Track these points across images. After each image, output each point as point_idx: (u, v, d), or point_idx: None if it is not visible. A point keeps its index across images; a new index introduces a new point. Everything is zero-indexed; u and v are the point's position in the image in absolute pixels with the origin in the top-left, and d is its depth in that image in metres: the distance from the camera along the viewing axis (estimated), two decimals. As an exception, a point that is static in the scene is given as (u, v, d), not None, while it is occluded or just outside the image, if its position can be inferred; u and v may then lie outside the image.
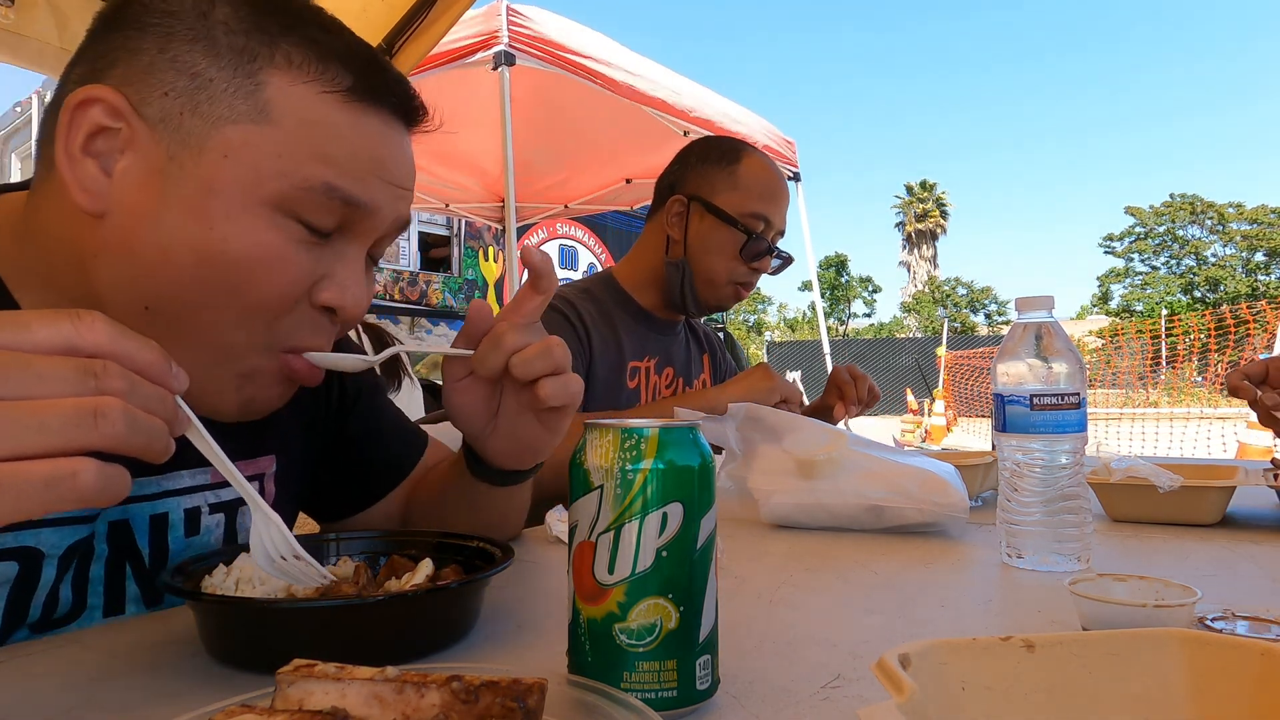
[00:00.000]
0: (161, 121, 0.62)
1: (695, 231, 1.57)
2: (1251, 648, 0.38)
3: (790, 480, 1.07)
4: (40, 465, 0.42)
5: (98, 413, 0.43)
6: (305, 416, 0.89)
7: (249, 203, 0.63)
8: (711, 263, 1.56)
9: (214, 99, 0.62)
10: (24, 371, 0.43)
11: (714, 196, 1.56)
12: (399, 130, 0.71)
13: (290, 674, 0.41)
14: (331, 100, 0.65)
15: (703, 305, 1.62)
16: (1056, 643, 0.40)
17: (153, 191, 0.62)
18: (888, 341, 33.06)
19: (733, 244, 1.55)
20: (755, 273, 1.58)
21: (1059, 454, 0.83)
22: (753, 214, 1.55)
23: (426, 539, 0.73)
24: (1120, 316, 40.24)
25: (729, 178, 1.57)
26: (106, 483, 0.44)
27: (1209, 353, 14.16)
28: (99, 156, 0.62)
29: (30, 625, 0.69)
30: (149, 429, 0.46)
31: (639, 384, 1.60)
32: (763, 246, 1.56)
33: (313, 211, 0.65)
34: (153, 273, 0.63)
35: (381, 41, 2.59)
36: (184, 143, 0.62)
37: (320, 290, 0.68)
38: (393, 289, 10.40)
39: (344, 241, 0.69)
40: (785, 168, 4.93)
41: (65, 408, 0.43)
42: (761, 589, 0.77)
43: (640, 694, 0.47)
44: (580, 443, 0.51)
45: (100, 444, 0.44)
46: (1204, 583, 0.69)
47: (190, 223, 0.62)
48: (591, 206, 5.46)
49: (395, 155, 0.70)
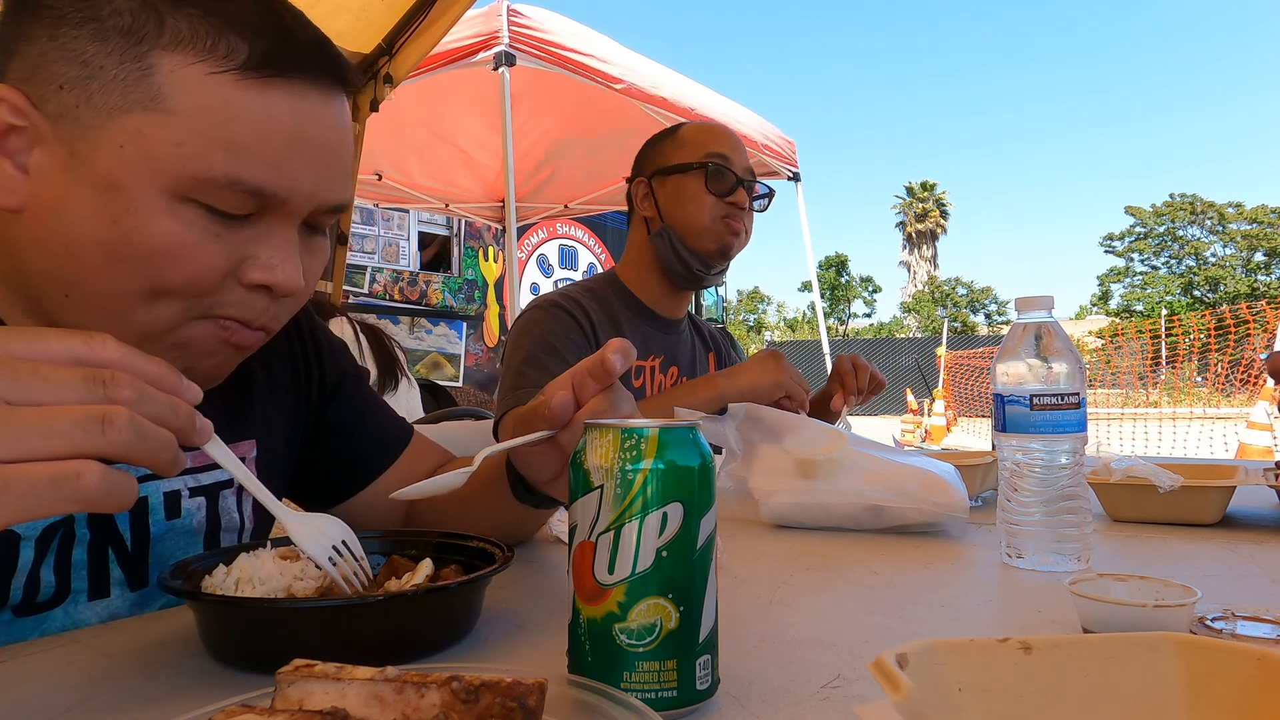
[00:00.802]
0: (60, 117, 0.61)
1: (664, 197, 1.60)
2: (1247, 653, 0.38)
3: (790, 480, 1.07)
4: (45, 466, 0.42)
5: (105, 419, 0.44)
6: (286, 403, 0.89)
7: (149, 195, 0.61)
8: (687, 211, 1.57)
9: (106, 88, 0.60)
10: (33, 377, 0.44)
11: (667, 161, 1.61)
12: (320, 99, 0.66)
13: (290, 674, 0.41)
14: (226, 81, 0.61)
15: (703, 259, 1.60)
16: (1054, 645, 0.41)
17: (59, 187, 0.62)
18: (888, 341, 33.06)
19: (698, 185, 1.57)
20: (734, 206, 1.58)
21: (1059, 454, 0.83)
22: (707, 153, 1.57)
23: (426, 539, 0.73)
24: (1120, 316, 40.25)
25: (673, 142, 1.63)
26: (111, 486, 0.44)
27: (1209, 353, 14.15)
28: (12, 155, 0.62)
29: (14, 608, 0.69)
30: (157, 438, 0.46)
31: (644, 383, 1.61)
32: (728, 176, 1.57)
33: (220, 201, 0.62)
34: (65, 264, 0.63)
35: (381, 41, 2.59)
36: (82, 136, 0.61)
37: (247, 271, 0.65)
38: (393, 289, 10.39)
39: (267, 222, 0.66)
40: (785, 167, 4.94)
41: (73, 413, 0.43)
42: (761, 589, 0.77)
43: (640, 694, 0.47)
44: (580, 443, 0.51)
45: (107, 450, 0.44)
46: (1204, 583, 0.69)
47: (93, 219, 0.61)
48: (591, 206, 5.46)
49: (314, 130, 0.65)
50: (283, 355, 0.90)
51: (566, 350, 1.47)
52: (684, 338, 1.72)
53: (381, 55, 2.62)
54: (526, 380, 1.43)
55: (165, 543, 0.77)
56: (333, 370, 0.95)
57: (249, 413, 0.84)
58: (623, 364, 0.61)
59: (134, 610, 0.75)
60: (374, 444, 0.96)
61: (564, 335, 1.49)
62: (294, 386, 0.90)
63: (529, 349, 1.48)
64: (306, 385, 0.92)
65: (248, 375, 0.86)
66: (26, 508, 0.42)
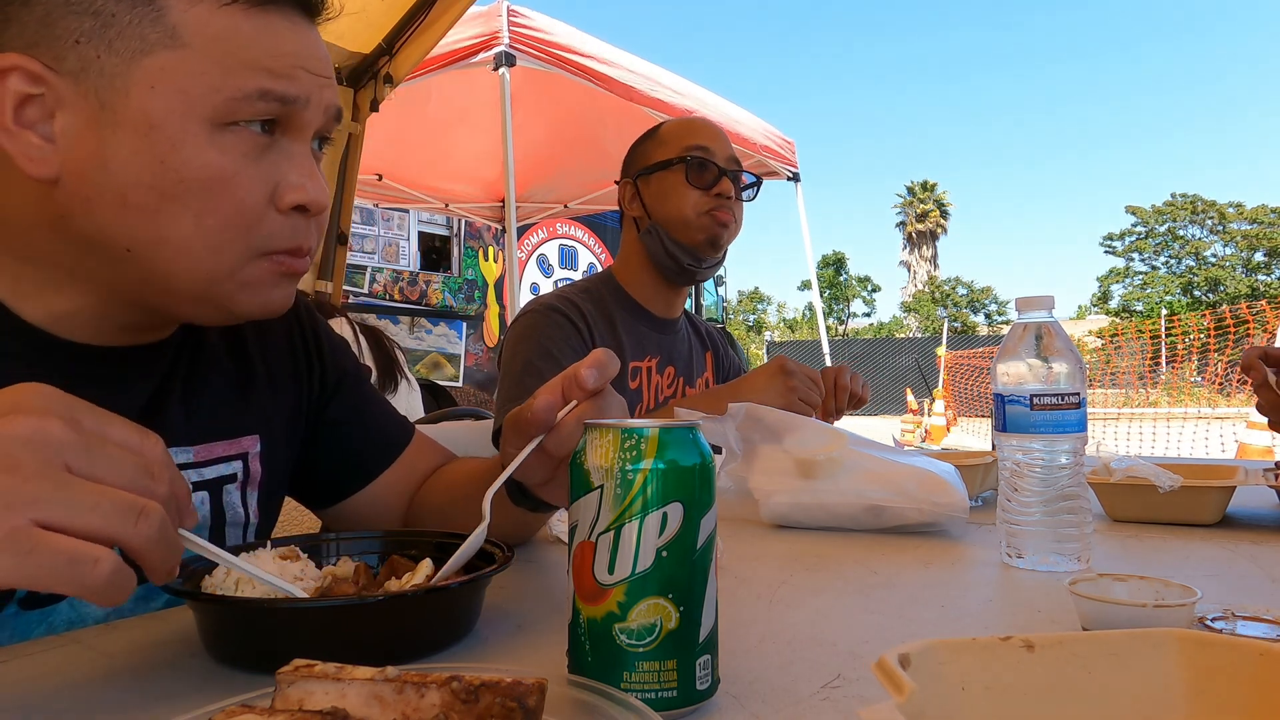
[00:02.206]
0: (83, 71, 0.62)
1: (649, 195, 1.60)
2: (1250, 648, 0.38)
3: (790, 480, 1.07)
4: (70, 543, 0.44)
5: (143, 512, 0.46)
6: (287, 398, 0.90)
7: (190, 128, 0.64)
8: (672, 205, 1.57)
9: (124, 34, 0.62)
10: (102, 452, 0.47)
11: (649, 160, 1.61)
12: (305, 24, 0.72)
13: (290, 674, 0.41)
14: (234, 11, 0.65)
15: (693, 252, 1.59)
16: (1056, 643, 0.40)
17: (95, 142, 0.63)
18: (888, 341, 33.07)
19: (680, 180, 1.56)
20: (719, 197, 1.57)
21: (1059, 454, 0.83)
22: (686, 147, 1.57)
23: (426, 539, 0.73)
24: (1120, 316, 40.23)
25: (654, 141, 1.64)
26: (117, 580, 0.45)
27: (1209, 353, 14.16)
28: (33, 125, 0.63)
29: (20, 601, 0.69)
30: (172, 543, 0.48)
31: (640, 384, 1.60)
32: (709, 167, 1.57)
33: (258, 114, 0.66)
34: (119, 220, 0.64)
35: (381, 41, 2.59)
36: (110, 85, 0.62)
37: (283, 194, 0.69)
38: (393, 289, 10.39)
39: (287, 141, 0.70)
40: (784, 168, 4.94)
41: (120, 498, 0.46)
42: (761, 589, 0.77)
43: (640, 694, 0.47)
44: (580, 443, 0.51)
45: (133, 541, 0.46)
46: (1204, 583, 0.69)
47: (140, 162, 0.63)
48: (591, 206, 5.46)
49: (309, 47, 0.71)
50: (284, 350, 0.91)
51: (563, 355, 1.46)
52: (681, 337, 1.72)
53: (381, 55, 2.62)
54: (526, 390, 1.43)
55: None
56: (334, 368, 0.95)
57: (251, 407, 0.85)
58: (597, 379, 0.62)
59: (138, 604, 0.76)
60: (374, 443, 0.96)
61: (561, 340, 1.48)
62: (295, 382, 0.91)
63: (526, 356, 1.47)
64: (308, 381, 0.92)
65: (250, 369, 0.86)
66: (40, 578, 0.43)
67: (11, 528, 0.43)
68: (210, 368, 0.82)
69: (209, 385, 0.82)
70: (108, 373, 0.74)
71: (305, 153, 0.71)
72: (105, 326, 0.73)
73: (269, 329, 0.90)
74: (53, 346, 0.71)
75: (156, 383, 0.77)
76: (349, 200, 2.79)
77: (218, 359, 0.84)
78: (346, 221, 2.80)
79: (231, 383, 0.84)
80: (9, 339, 0.69)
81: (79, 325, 0.72)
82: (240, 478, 0.83)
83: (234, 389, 0.84)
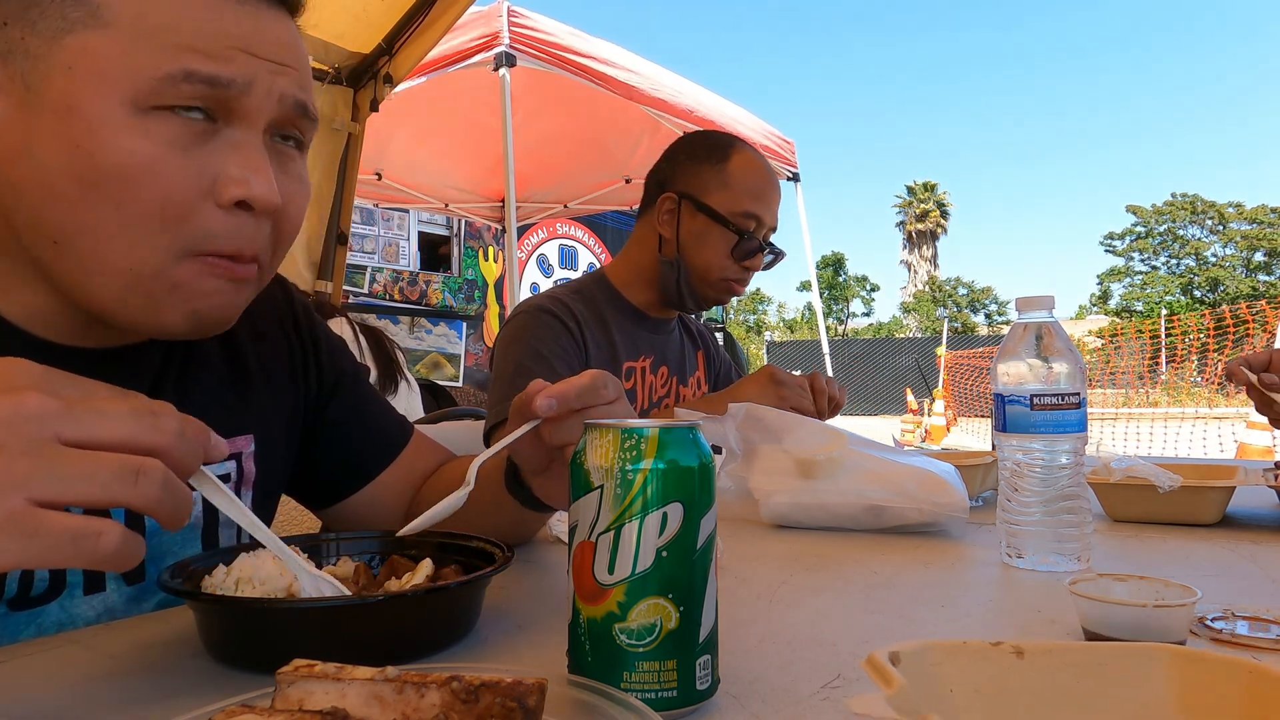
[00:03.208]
0: (9, 54, 0.61)
1: (687, 229, 1.56)
2: (1240, 665, 0.38)
3: (790, 480, 1.07)
4: (71, 520, 0.43)
5: (140, 471, 0.45)
6: (283, 398, 0.89)
7: (108, 112, 0.60)
8: (705, 260, 1.56)
9: (46, 14, 0.60)
10: (91, 412, 0.45)
11: (704, 195, 1.55)
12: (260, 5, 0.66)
13: (290, 674, 0.41)
14: None
15: (700, 301, 1.61)
16: (1046, 651, 0.41)
17: (22, 128, 0.61)
18: (887, 341, 33.05)
19: (725, 243, 1.54)
20: (748, 270, 1.58)
21: (1059, 454, 0.83)
22: (744, 213, 1.54)
23: (427, 539, 0.73)
24: (1120, 316, 40.23)
25: (718, 175, 1.56)
26: (125, 549, 0.44)
27: (1209, 353, 14.16)
28: None
29: (9, 602, 0.68)
30: (180, 497, 0.47)
31: (634, 385, 1.59)
32: (754, 245, 1.56)
33: (182, 98, 0.61)
34: (47, 209, 0.62)
35: (381, 41, 2.59)
36: (34, 68, 0.60)
37: (223, 188, 0.64)
38: (392, 289, 10.39)
39: (232, 129, 0.65)
40: (783, 168, 4.94)
41: (112, 462, 0.44)
42: (761, 589, 0.77)
43: (640, 694, 0.47)
44: (580, 443, 0.51)
45: (135, 502, 0.45)
46: (1204, 583, 0.69)
47: (59, 148, 0.60)
48: (591, 206, 5.47)
49: (259, 29, 0.65)
50: (280, 351, 0.90)
51: (554, 357, 1.45)
52: (673, 336, 1.72)
53: (381, 55, 2.62)
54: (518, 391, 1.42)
55: (163, 537, 0.77)
56: (331, 368, 0.94)
57: (246, 407, 0.84)
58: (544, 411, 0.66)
59: (130, 605, 0.75)
60: (374, 443, 0.95)
61: (552, 341, 1.47)
62: (292, 382, 0.90)
63: (517, 358, 1.45)
64: (304, 381, 0.92)
65: (245, 369, 0.86)
66: (47, 558, 0.43)
67: (9, 511, 0.42)
68: (202, 368, 0.81)
69: (200, 385, 0.81)
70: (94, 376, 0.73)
71: (254, 144, 0.66)
72: (79, 325, 0.71)
73: (264, 330, 0.89)
74: (34, 347, 0.68)
75: (148, 383, 0.76)
76: (349, 200, 2.79)
77: (210, 359, 0.83)
78: (346, 221, 2.80)
79: (225, 383, 0.83)
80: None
81: (53, 324, 0.70)
82: (234, 478, 0.83)
83: (228, 389, 0.83)
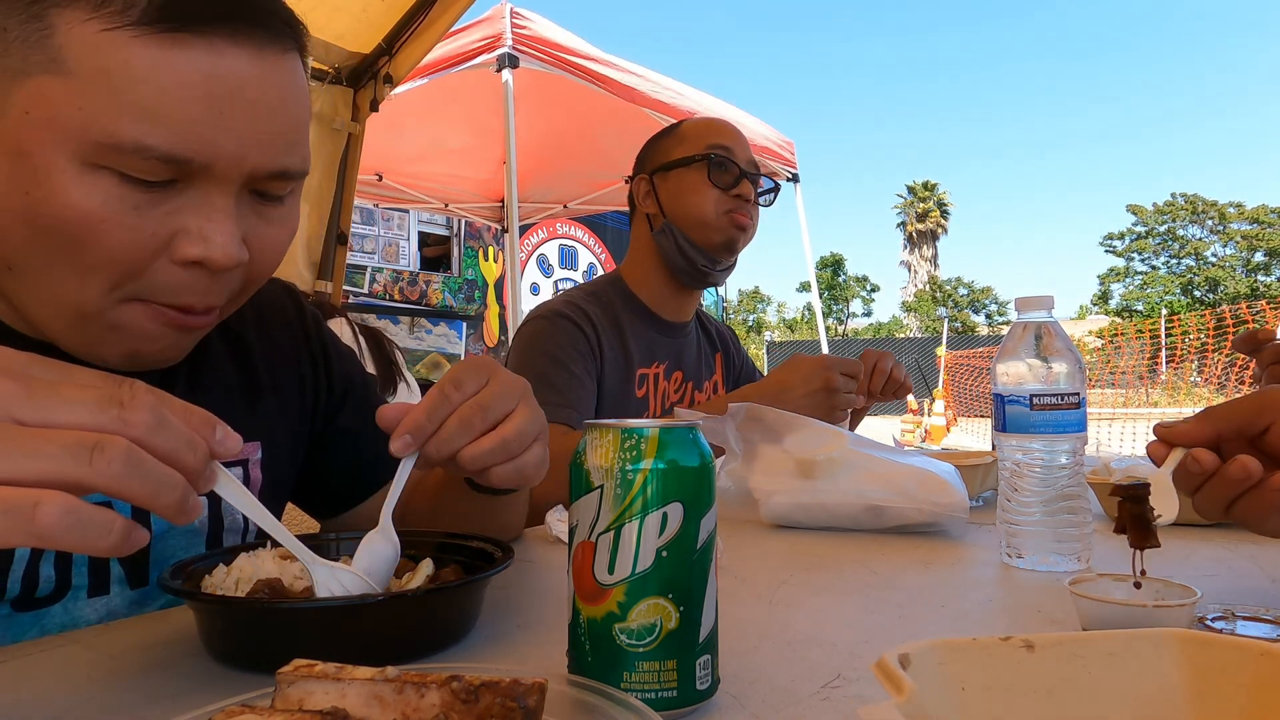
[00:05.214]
0: None
1: (666, 193, 1.58)
2: (1251, 648, 0.38)
3: (790, 480, 1.07)
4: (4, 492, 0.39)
5: (96, 447, 0.41)
6: (291, 407, 0.89)
7: (57, 163, 0.57)
8: (690, 205, 1.54)
9: (8, 50, 0.57)
10: (50, 395, 0.42)
11: (668, 156, 1.59)
12: (245, 56, 0.60)
13: (290, 674, 0.41)
14: (122, 39, 0.56)
15: (707, 252, 1.56)
16: (1056, 643, 0.40)
17: None
18: (887, 341, 33.06)
19: (700, 178, 1.54)
20: (739, 199, 1.55)
21: (1059, 454, 0.83)
22: (708, 145, 1.55)
23: (427, 539, 0.73)
24: (1120, 316, 40.24)
25: (674, 138, 1.61)
26: (77, 523, 0.40)
27: (1208, 353, 14.16)
28: None
29: (12, 602, 0.69)
30: (156, 475, 0.42)
31: (647, 392, 1.57)
32: (730, 167, 1.55)
33: (132, 168, 0.58)
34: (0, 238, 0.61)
35: (381, 41, 2.59)
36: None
37: (179, 247, 0.61)
38: (392, 289, 10.39)
39: (196, 189, 0.61)
40: (783, 168, 4.95)
41: (67, 438, 0.41)
42: (761, 589, 0.77)
43: (640, 694, 0.47)
44: (580, 443, 0.51)
45: (92, 480, 0.41)
46: (1204, 583, 0.69)
47: (9, 189, 0.58)
48: (591, 206, 5.47)
49: (237, 92, 0.59)
50: (290, 360, 0.90)
51: (572, 362, 1.43)
52: (690, 340, 1.68)
53: (381, 55, 2.62)
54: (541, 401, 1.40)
55: (167, 541, 0.77)
56: (341, 378, 0.94)
57: (254, 415, 0.84)
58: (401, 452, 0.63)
59: (133, 608, 0.75)
60: (379, 454, 0.95)
61: (569, 346, 1.46)
62: (300, 391, 0.90)
63: (540, 367, 1.42)
64: (313, 390, 0.91)
65: (254, 378, 0.86)
66: None
67: None
68: (212, 376, 0.82)
69: (209, 391, 0.81)
70: None
71: (220, 202, 0.61)
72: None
73: (275, 339, 0.89)
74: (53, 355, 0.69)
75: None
76: (349, 200, 2.79)
77: (220, 367, 0.83)
78: (346, 221, 2.80)
79: (233, 390, 0.83)
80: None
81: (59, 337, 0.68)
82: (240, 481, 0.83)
83: (236, 396, 0.83)
